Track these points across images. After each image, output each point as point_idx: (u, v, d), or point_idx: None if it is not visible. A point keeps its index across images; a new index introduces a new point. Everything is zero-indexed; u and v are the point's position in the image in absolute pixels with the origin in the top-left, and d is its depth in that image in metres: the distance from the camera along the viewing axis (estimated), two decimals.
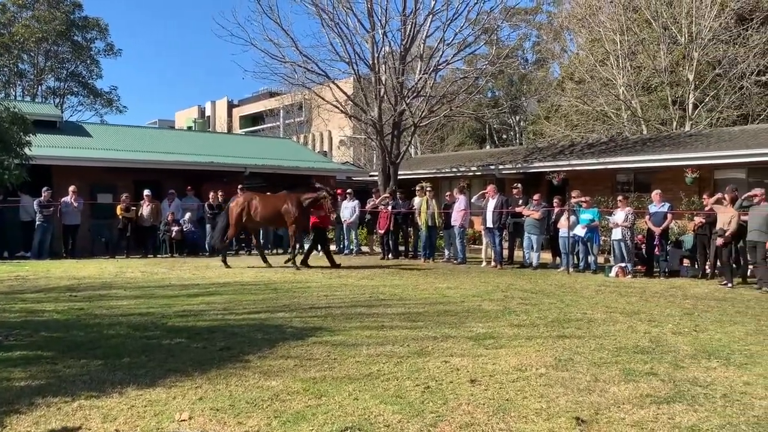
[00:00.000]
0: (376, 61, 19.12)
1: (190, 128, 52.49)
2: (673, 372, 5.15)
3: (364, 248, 18.12)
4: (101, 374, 4.95)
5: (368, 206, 17.08)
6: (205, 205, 17.03)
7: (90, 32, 42.06)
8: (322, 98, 21.04)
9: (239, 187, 17.21)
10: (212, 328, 6.77)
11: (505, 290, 10.12)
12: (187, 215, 17.01)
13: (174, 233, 16.56)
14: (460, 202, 14.97)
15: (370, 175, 24.08)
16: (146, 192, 16.43)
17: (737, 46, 23.53)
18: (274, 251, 17.51)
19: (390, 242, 16.19)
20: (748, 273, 11.80)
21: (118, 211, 16.05)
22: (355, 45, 19.24)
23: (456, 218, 14.91)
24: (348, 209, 16.97)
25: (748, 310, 8.47)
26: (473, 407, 4.23)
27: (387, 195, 17.08)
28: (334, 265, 13.61)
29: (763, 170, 15.34)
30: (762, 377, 5.03)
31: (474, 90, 23.26)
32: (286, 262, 13.76)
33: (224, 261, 13.60)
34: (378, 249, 17.18)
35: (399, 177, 20.29)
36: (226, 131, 59.43)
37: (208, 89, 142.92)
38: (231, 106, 78.84)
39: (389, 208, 15.98)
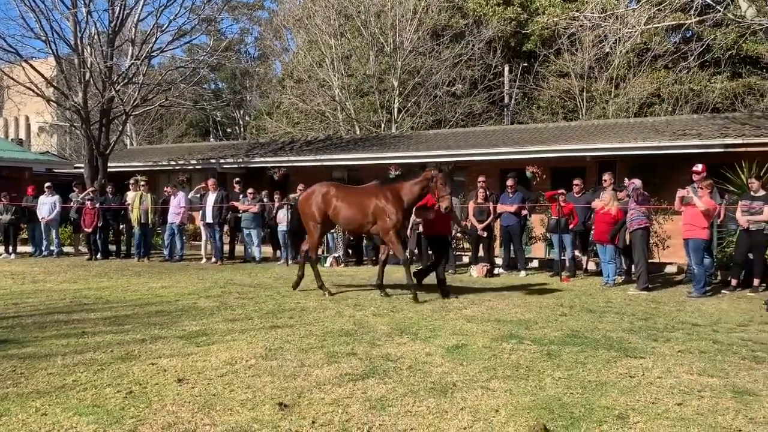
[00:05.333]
0: (79, 42, 17.31)
1: None
2: (370, 350, 5.69)
3: (68, 249, 16.36)
4: None
5: (72, 202, 15.42)
6: None
7: None
8: (13, 79, 18.38)
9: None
10: None
11: (224, 286, 10.07)
12: None
13: None
14: (179, 198, 14.44)
15: (76, 167, 21.77)
16: None
17: (432, 59, 26.77)
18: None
19: (98, 241, 14.89)
20: None
21: None
22: (53, 22, 17.23)
23: (175, 214, 14.32)
24: (47, 205, 15.12)
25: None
26: (178, 406, 4.15)
27: (93, 189, 15.64)
28: (445, 293, 9.05)
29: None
30: (440, 347, 5.83)
31: (193, 80, 22.49)
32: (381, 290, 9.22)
33: (320, 285, 9.43)
34: (84, 249, 15.66)
35: (110, 170, 18.72)
36: None
37: None
38: None
39: (97, 203, 14.68)
